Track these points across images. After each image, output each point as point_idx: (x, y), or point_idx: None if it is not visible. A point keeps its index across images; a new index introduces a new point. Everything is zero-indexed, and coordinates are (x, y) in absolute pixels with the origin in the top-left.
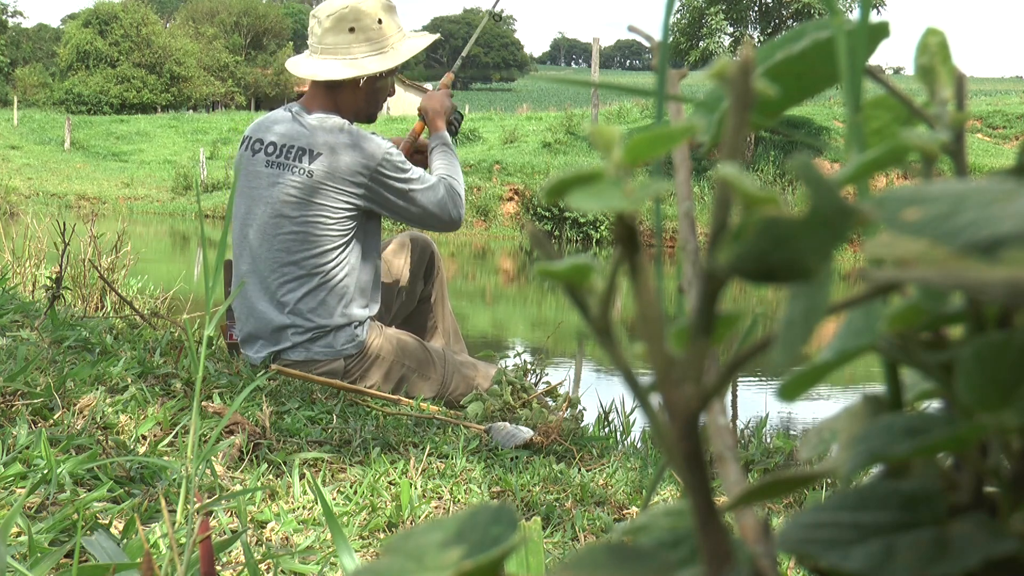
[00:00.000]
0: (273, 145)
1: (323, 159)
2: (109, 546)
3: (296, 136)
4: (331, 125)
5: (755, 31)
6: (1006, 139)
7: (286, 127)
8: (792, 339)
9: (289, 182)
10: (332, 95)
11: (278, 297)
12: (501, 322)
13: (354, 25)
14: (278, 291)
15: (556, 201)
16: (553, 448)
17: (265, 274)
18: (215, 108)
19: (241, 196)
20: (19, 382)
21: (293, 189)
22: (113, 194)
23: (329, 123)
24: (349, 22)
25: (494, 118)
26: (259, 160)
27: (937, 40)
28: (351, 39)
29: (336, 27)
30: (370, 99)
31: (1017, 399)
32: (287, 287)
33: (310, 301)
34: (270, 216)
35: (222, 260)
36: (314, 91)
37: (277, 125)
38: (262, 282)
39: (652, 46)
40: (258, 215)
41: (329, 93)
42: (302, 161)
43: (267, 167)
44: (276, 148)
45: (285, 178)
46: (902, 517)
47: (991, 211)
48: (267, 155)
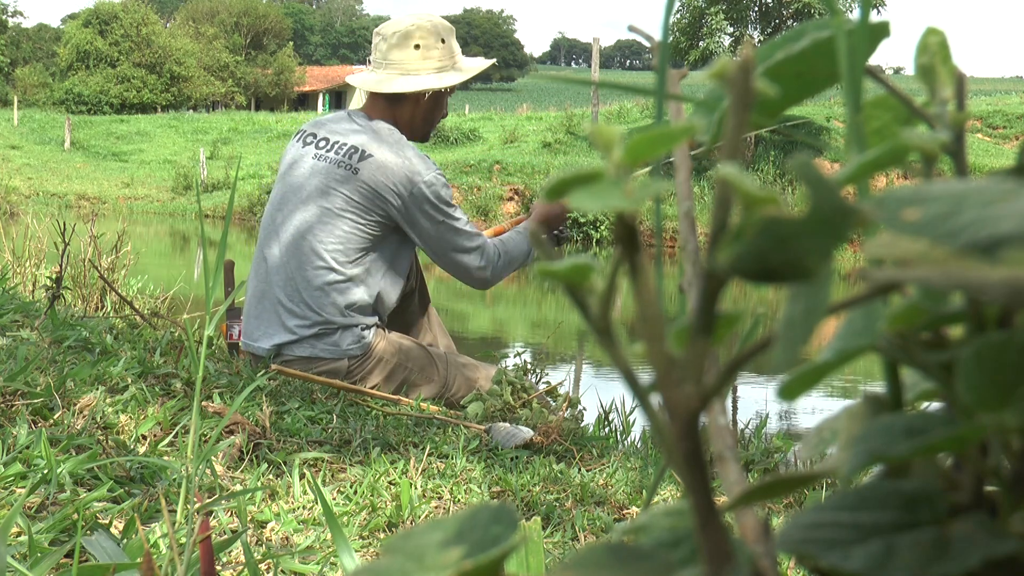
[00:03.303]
0: (326, 140)
1: (372, 160)
2: (109, 546)
3: (351, 135)
4: (387, 132)
5: (755, 31)
6: (1006, 139)
7: (344, 126)
8: (792, 339)
9: (333, 175)
10: (392, 109)
11: (295, 284)
12: (501, 322)
13: (420, 43)
14: (296, 278)
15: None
16: (553, 448)
17: (286, 259)
18: (215, 108)
19: (280, 183)
20: (19, 382)
21: (335, 183)
22: (113, 194)
23: (386, 130)
24: (415, 39)
25: (494, 118)
26: (308, 152)
27: (937, 40)
28: (417, 56)
29: (402, 44)
30: (427, 116)
31: (1017, 399)
32: (305, 276)
33: (324, 295)
34: (304, 204)
35: (222, 260)
36: (374, 103)
37: (334, 123)
38: (280, 269)
39: (652, 46)
40: (292, 202)
41: (389, 107)
42: (352, 158)
43: (315, 159)
44: (328, 143)
45: (330, 171)
46: (902, 517)
47: (991, 211)
48: (318, 148)
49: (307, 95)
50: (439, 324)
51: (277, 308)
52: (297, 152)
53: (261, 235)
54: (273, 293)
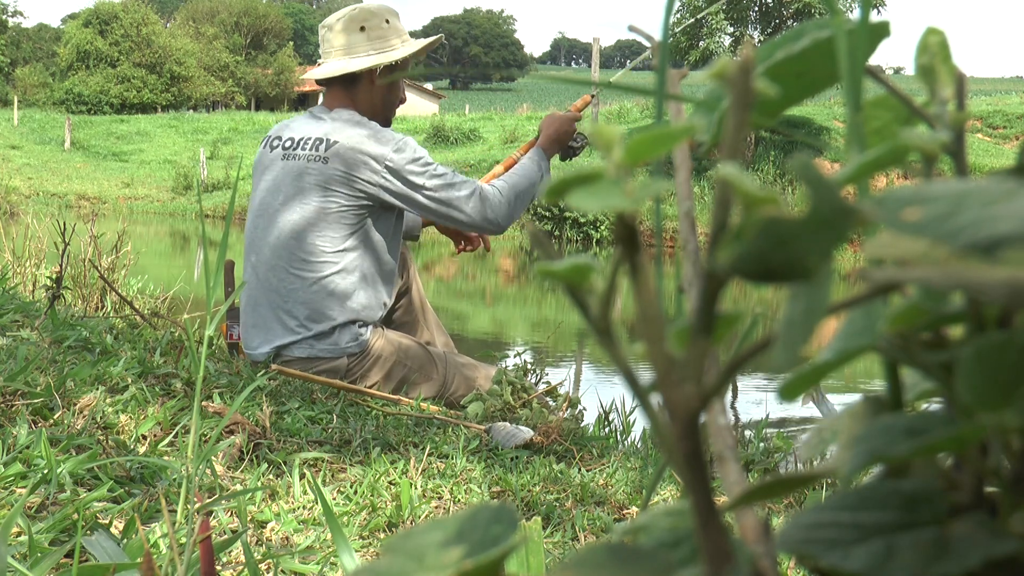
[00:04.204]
0: (291, 140)
1: (338, 144)
2: (109, 546)
3: (312, 129)
4: (347, 116)
5: (755, 31)
6: (1006, 139)
7: (303, 123)
8: (792, 339)
9: (306, 171)
10: (349, 95)
11: (287, 287)
12: (501, 322)
13: (364, 24)
14: (287, 281)
15: (556, 201)
16: (553, 448)
17: (275, 264)
18: (215, 108)
19: (256, 191)
20: (19, 382)
21: (310, 177)
22: (113, 194)
23: (346, 115)
24: (359, 22)
25: (494, 118)
26: (277, 155)
27: (937, 40)
28: (363, 37)
29: (348, 28)
30: (385, 100)
31: (1017, 399)
32: (296, 277)
33: (317, 294)
34: (285, 207)
35: (223, 260)
36: (332, 93)
37: (295, 123)
38: (270, 273)
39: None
40: (272, 206)
41: (346, 95)
42: (317, 150)
43: (285, 160)
44: (295, 142)
45: (302, 168)
46: (902, 517)
47: (991, 211)
48: (284, 149)
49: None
50: (436, 322)
51: (272, 313)
52: (267, 159)
53: (246, 244)
54: (266, 299)
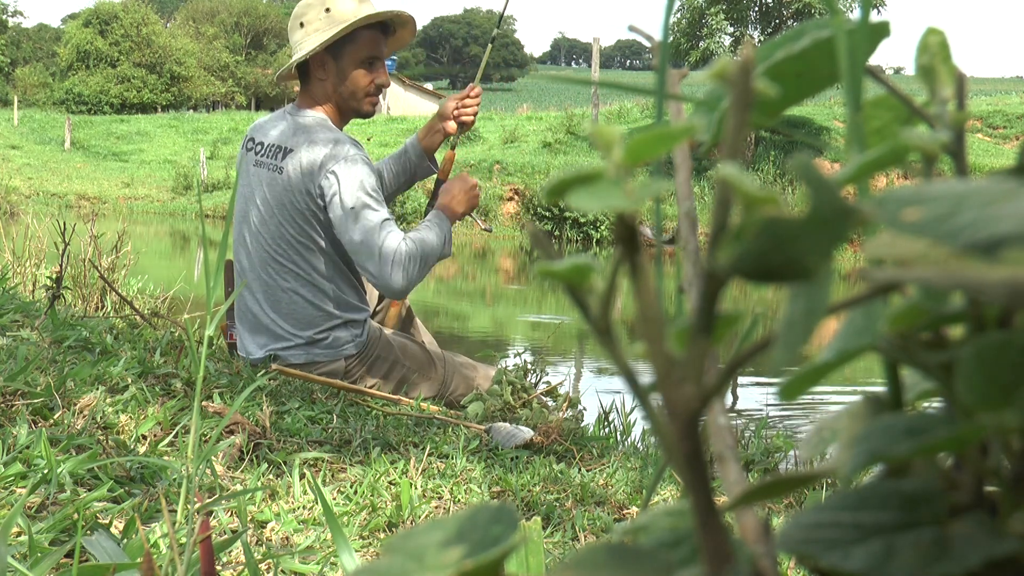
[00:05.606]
0: (262, 145)
1: (292, 155)
2: (109, 546)
3: (281, 134)
4: (310, 122)
5: (755, 31)
6: (1006, 139)
7: (276, 125)
8: (792, 339)
9: (269, 181)
10: (310, 92)
11: (275, 294)
12: (501, 322)
13: (303, 20)
14: (274, 288)
15: (556, 201)
16: (553, 448)
17: (259, 271)
18: (215, 108)
19: (239, 197)
20: (19, 382)
21: (276, 188)
22: (113, 194)
23: (309, 120)
24: (298, 19)
25: (494, 118)
26: (250, 159)
27: (937, 40)
28: (303, 33)
29: (293, 27)
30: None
31: (1017, 399)
32: (282, 285)
33: (306, 300)
34: (260, 216)
35: (223, 260)
36: (300, 94)
37: (269, 123)
38: (256, 282)
39: (652, 46)
40: (251, 215)
41: (308, 91)
42: (276, 158)
43: (255, 166)
44: (263, 148)
45: (268, 177)
46: (903, 517)
47: (991, 211)
48: (256, 155)
49: None
50: (420, 326)
51: (264, 321)
52: (244, 161)
53: (234, 248)
54: (258, 307)
